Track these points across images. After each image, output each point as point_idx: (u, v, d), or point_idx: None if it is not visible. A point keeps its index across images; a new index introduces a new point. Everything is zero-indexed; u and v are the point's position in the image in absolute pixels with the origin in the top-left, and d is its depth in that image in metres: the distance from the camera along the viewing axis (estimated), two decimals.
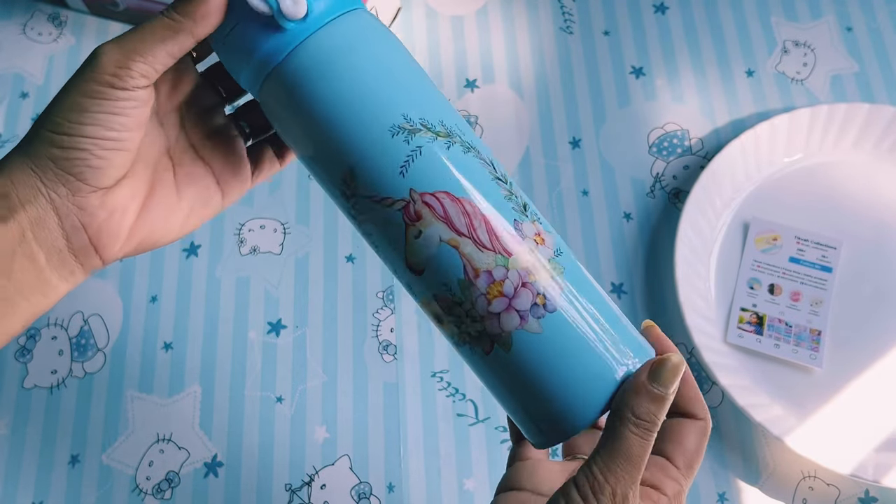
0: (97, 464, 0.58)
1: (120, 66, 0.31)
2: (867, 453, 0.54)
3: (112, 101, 0.32)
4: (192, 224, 0.38)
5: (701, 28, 0.70)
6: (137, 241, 0.36)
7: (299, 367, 0.60)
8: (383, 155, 0.33)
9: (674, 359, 0.32)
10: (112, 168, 0.33)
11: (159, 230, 0.36)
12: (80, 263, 0.35)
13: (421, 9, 0.72)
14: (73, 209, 0.33)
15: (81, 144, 0.32)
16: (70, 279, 0.35)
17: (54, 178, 0.32)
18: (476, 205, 0.33)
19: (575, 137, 0.66)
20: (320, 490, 0.56)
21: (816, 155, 0.64)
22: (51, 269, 0.34)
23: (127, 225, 0.35)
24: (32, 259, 0.33)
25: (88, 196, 0.33)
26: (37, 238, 0.33)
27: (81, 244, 0.34)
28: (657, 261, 0.62)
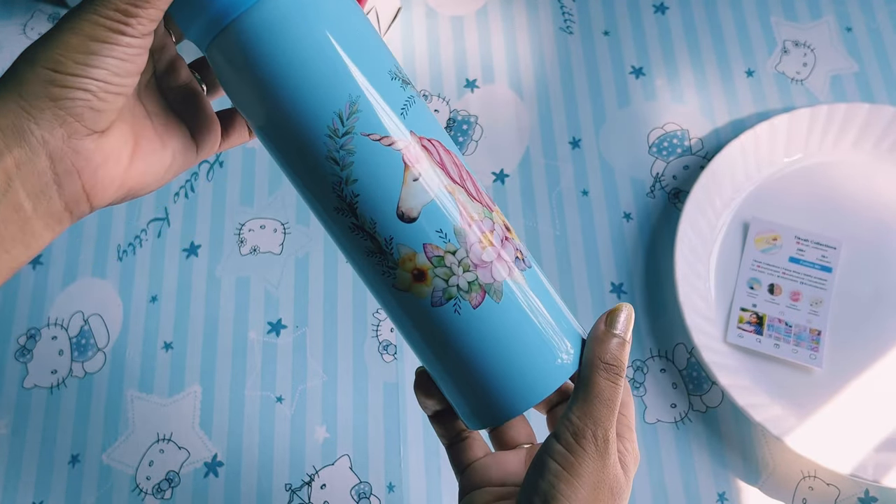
0: (97, 464, 0.58)
1: (130, 13, 0.31)
2: (867, 453, 0.54)
3: (122, 47, 0.31)
4: (172, 172, 0.38)
5: (701, 28, 0.70)
6: (128, 187, 0.35)
7: (299, 367, 0.60)
8: (387, 93, 0.32)
9: (625, 306, 0.35)
10: (110, 111, 0.32)
11: (148, 176, 0.36)
12: (69, 211, 0.34)
13: (421, 9, 0.72)
14: (69, 152, 0.32)
15: (87, 85, 0.31)
16: (56, 227, 0.34)
17: (52, 118, 0.31)
18: (460, 159, 0.34)
19: (575, 137, 0.66)
20: (320, 490, 0.56)
21: (816, 155, 0.64)
22: (37, 217, 0.33)
23: (121, 171, 0.34)
24: (18, 209, 0.32)
25: (84, 139, 0.32)
26: (24, 185, 0.32)
27: (73, 190, 0.33)
28: (657, 261, 0.62)
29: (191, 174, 0.66)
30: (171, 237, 0.64)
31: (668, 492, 0.56)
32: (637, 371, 0.59)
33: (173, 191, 0.66)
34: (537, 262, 0.37)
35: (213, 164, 0.67)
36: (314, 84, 0.32)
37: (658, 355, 0.59)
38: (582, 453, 0.33)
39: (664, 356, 0.59)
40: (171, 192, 0.66)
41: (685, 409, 0.58)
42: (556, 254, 0.62)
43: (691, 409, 0.58)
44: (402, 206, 0.32)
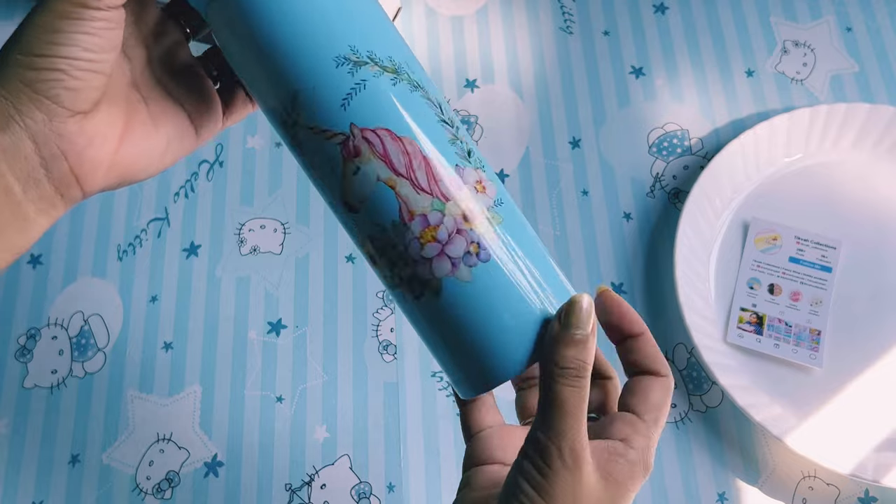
0: (97, 464, 0.58)
1: None
2: (867, 453, 0.54)
3: (87, 20, 0.31)
4: (170, 158, 0.37)
5: (701, 28, 0.70)
6: (119, 171, 0.35)
7: (299, 367, 0.60)
8: (326, 85, 0.32)
9: (582, 298, 0.32)
10: (88, 90, 0.32)
11: (141, 161, 0.35)
12: (60, 194, 0.33)
13: (421, 9, 0.72)
14: (52, 135, 0.32)
15: (57, 65, 0.31)
16: (50, 212, 0.33)
17: (28, 102, 0.31)
18: (417, 145, 0.32)
19: (575, 137, 0.66)
20: (320, 490, 0.56)
21: (816, 155, 0.64)
22: (28, 202, 0.32)
23: (108, 153, 0.34)
24: (7, 192, 0.32)
25: (66, 121, 0.32)
26: (11, 169, 0.31)
27: (61, 173, 0.32)
28: (657, 261, 0.62)
29: (191, 174, 0.66)
30: (171, 237, 0.64)
31: (668, 492, 0.56)
32: None
33: (173, 191, 0.66)
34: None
35: (213, 165, 0.67)
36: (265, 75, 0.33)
37: None
38: (550, 473, 0.31)
39: (664, 356, 0.59)
40: (171, 192, 0.66)
41: (685, 409, 0.58)
42: (556, 254, 0.62)
43: (691, 409, 0.58)
44: (345, 198, 0.33)
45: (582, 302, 0.32)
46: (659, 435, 0.36)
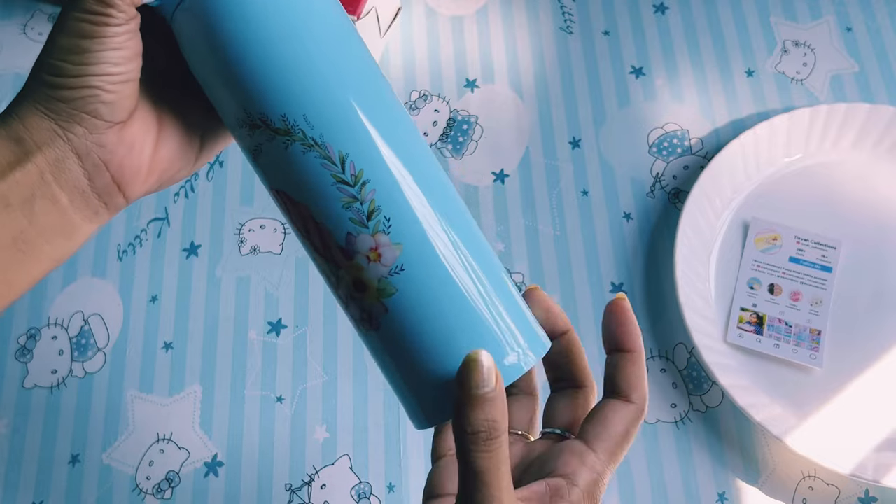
0: (97, 464, 0.58)
1: (107, 3, 0.31)
2: (867, 453, 0.54)
3: (110, 37, 0.31)
4: (206, 155, 0.38)
5: (701, 28, 0.70)
6: (158, 174, 0.36)
7: (299, 367, 0.60)
8: (240, 139, 0.33)
9: (479, 354, 0.30)
10: (124, 100, 0.33)
11: (177, 162, 0.36)
12: (103, 203, 0.35)
13: (421, 9, 0.72)
14: (93, 147, 0.33)
15: (91, 83, 0.32)
16: (95, 220, 0.35)
17: (69, 118, 0.32)
18: (309, 211, 0.32)
19: (575, 137, 0.66)
20: (320, 490, 0.56)
21: (816, 155, 0.64)
22: (74, 210, 0.34)
23: (146, 159, 0.35)
24: (55, 201, 0.33)
25: (106, 132, 0.33)
26: (57, 180, 0.33)
27: (104, 182, 0.34)
28: (657, 261, 0.62)
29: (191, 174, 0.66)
30: (171, 237, 0.64)
31: (668, 492, 0.56)
32: None
33: (173, 191, 0.66)
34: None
35: (213, 164, 0.67)
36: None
37: (658, 355, 0.59)
38: None
39: (664, 356, 0.59)
40: (171, 192, 0.66)
41: (685, 409, 0.58)
42: (556, 254, 0.62)
43: (691, 409, 0.58)
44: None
45: (479, 359, 0.30)
46: (614, 467, 0.34)
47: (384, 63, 0.69)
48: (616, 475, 0.56)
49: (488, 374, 0.30)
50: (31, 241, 0.33)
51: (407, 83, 0.69)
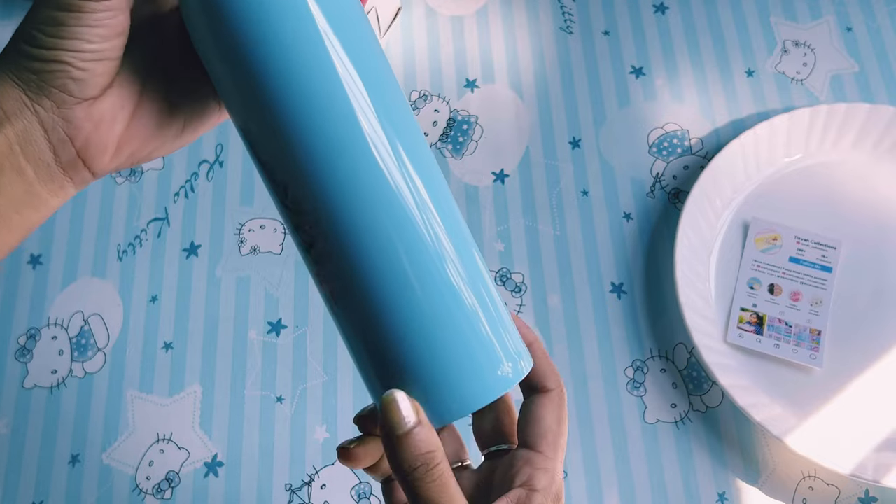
0: (97, 464, 0.58)
1: None
2: (867, 453, 0.54)
3: (88, 13, 0.30)
4: (187, 137, 0.37)
5: (701, 28, 0.70)
6: (129, 151, 0.35)
7: (299, 367, 0.60)
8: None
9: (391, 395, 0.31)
10: (95, 77, 0.32)
11: (152, 141, 0.35)
12: (69, 177, 0.34)
13: (421, 9, 0.72)
14: (59, 122, 0.32)
15: (62, 57, 0.31)
16: (60, 194, 0.34)
17: (38, 90, 0.31)
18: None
19: (575, 137, 0.66)
20: (320, 490, 0.56)
21: (816, 155, 0.64)
22: (40, 183, 0.33)
23: (115, 136, 0.34)
24: (21, 172, 0.32)
25: (73, 108, 0.32)
26: (24, 152, 0.32)
27: (69, 157, 0.33)
28: (657, 261, 0.62)
29: (191, 174, 0.66)
30: (171, 237, 0.64)
31: (668, 492, 0.56)
32: (637, 371, 0.59)
33: (173, 191, 0.66)
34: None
35: (213, 164, 0.67)
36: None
37: (658, 355, 0.59)
38: None
39: (664, 356, 0.59)
40: (171, 192, 0.66)
41: (685, 409, 0.58)
42: (556, 254, 0.62)
43: (691, 409, 0.58)
44: None
45: (394, 399, 0.31)
46: (562, 455, 0.35)
47: None
48: (616, 475, 0.56)
49: (407, 411, 0.31)
50: (1, 212, 0.33)
51: (407, 83, 0.69)
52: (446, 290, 0.31)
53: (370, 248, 0.30)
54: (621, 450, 0.57)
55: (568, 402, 0.57)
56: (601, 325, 0.60)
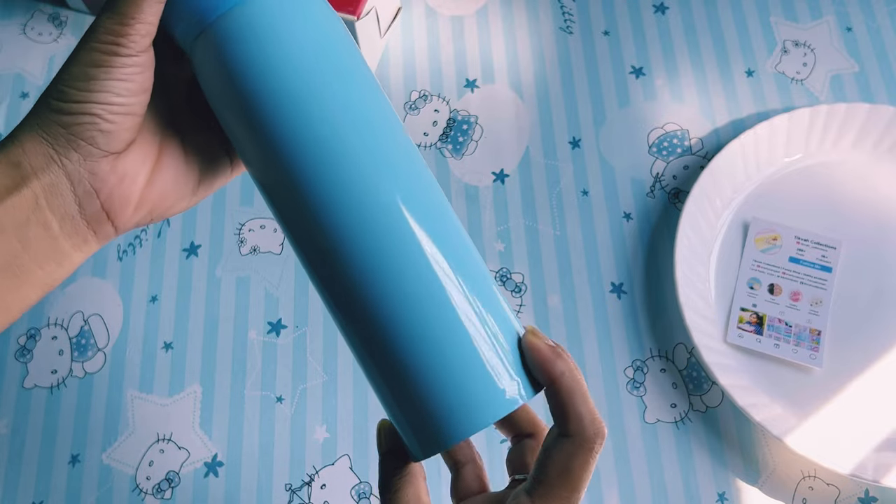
0: (97, 464, 0.58)
1: (119, 33, 0.32)
2: (867, 453, 0.54)
3: (118, 68, 0.32)
4: (202, 192, 0.38)
5: (701, 28, 0.70)
6: (149, 207, 0.36)
7: (299, 367, 0.60)
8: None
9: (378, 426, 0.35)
10: (122, 132, 0.33)
11: (170, 196, 0.36)
12: (92, 230, 0.35)
13: (421, 9, 0.72)
14: (86, 174, 0.33)
15: (91, 110, 0.32)
16: (83, 248, 0.35)
17: (66, 144, 0.33)
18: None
19: (575, 137, 0.66)
20: (320, 490, 0.56)
21: (816, 155, 0.64)
22: (64, 237, 0.34)
23: (137, 190, 0.35)
24: (46, 226, 0.34)
25: (100, 161, 0.33)
26: (50, 205, 0.33)
27: (93, 210, 0.34)
28: (657, 261, 0.62)
29: None
30: (171, 237, 0.64)
31: (668, 492, 0.56)
32: (637, 371, 0.59)
33: None
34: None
35: None
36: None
37: (658, 355, 0.59)
38: None
39: (664, 356, 0.59)
40: None
41: (685, 409, 0.58)
42: (556, 254, 0.62)
43: (691, 409, 0.58)
44: None
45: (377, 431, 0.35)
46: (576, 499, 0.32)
47: (384, 63, 0.69)
48: (616, 475, 0.56)
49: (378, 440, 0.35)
50: (24, 266, 0.34)
51: (407, 83, 0.69)
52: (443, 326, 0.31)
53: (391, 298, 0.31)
54: (621, 450, 0.57)
55: None
56: (601, 325, 0.60)
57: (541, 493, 0.32)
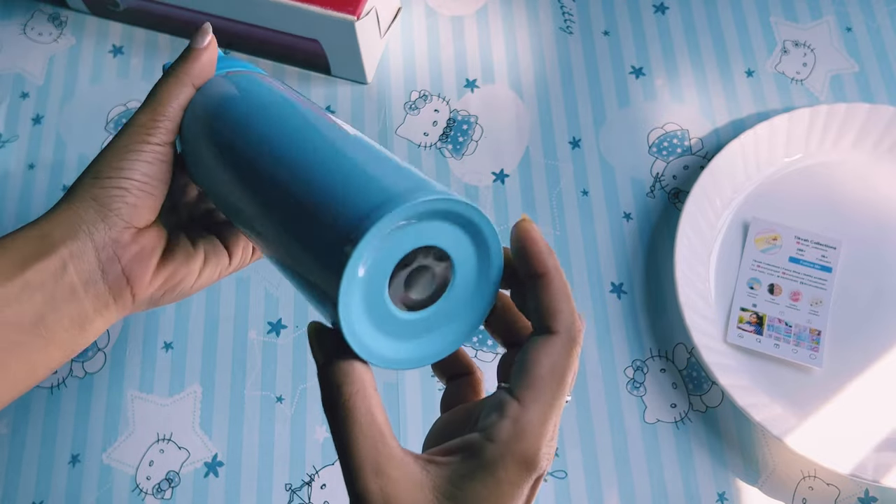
0: (97, 464, 0.58)
1: (150, 127, 0.39)
2: (867, 453, 0.54)
3: (147, 152, 0.39)
4: (206, 277, 0.43)
5: (701, 28, 0.70)
6: (163, 278, 0.41)
7: (299, 367, 0.60)
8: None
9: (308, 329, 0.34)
10: (144, 209, 0.39)
11: (181, 271, 0.42)
12: (113, 296, 0.39)
13: (421, 9, 0.72)
14: (109, 241, 0.38)
15: (121, 184, 0.38)
16: (105, 313, 0.39)
17: (95, 214, 0.38)
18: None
19: (575, 137, 0.66)
20: (320, 490, 0.57)
21: (816, 155, 0.64)
22: (88, 300, 0.38)
23: (153, 263, 0.40)
24: (72, 289, 0.38)
25: (123, 231, 0.39)
26: (76, 269, 0.38)
27: (115, 275, 0.39)
28: (657, 261, 0.62)
29: None
30: None
31: (668, 492, 0.56)
32: (637, 371, 0.59)
33: None
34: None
35: None
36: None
37: (658, 355, 0.59)
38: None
39: (664, 356, 0.59)
40: None
41: (685, 409, 0.58)
42: (557, 254, 0.62)
43: (691, 409, 0.58)
44: None
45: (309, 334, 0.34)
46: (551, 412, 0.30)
47: (384, 63, 0.69)
48: (616, 475, 0.56)
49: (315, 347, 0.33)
50: (50, 327, 0.38)
51: (407, 83, 0.69)
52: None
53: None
54: (621, 450, 0.57)
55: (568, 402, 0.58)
56: (601, 325, 0.60)
57: (531, 396, 0.30)
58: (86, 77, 0.70)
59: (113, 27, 0.72)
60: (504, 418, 0.30)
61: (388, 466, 0.29)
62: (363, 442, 0.29)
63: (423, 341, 0.32)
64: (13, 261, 0.37)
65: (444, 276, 0.32)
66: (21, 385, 0.38)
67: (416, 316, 0.32)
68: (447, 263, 0.32)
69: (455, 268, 0.32)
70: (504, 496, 0.29)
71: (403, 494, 0.29)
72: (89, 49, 0.71)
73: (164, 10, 0.68)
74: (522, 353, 0.31)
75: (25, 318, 0.37)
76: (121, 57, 0.71)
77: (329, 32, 0.63)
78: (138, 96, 0.69)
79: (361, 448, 0.29)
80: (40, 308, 0.37)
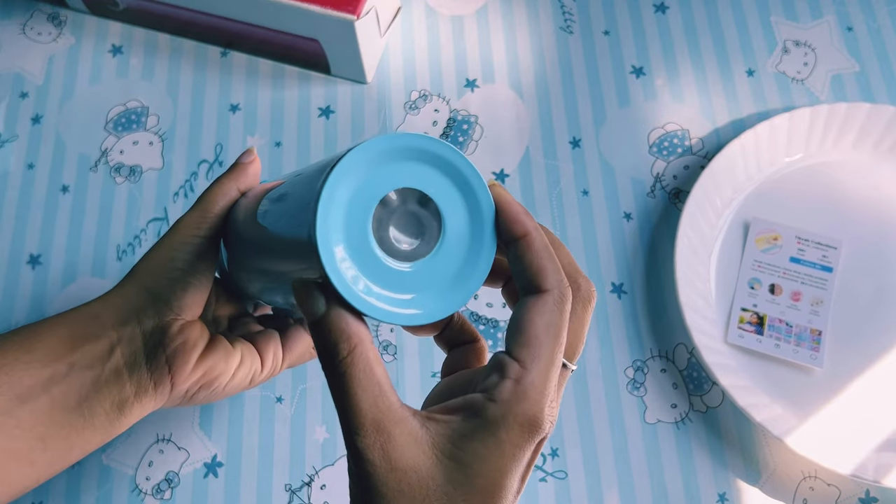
0: (97, 464, 0.58)
1: (199, 222, 0.41)
2: (868, 453, 0.54)
3: (195, 245, 0.41)
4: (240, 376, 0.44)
5: (701, 28, 0.70)
6: (202, 372, 0.42)
7: (299, 367, 0.60)
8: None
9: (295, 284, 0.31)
10: (192, 301, 0.41)
11: (217, 370, 0.42)
12: (153, 383, 0.40)
13: (421, 9, 0.72)
14: (157, 330, 0.40)
15: (173, 274, 0.40)
16: (143, 399, 0.40)
17: (145, 304, 0.40)
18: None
19: (575, 137, 0.66)
20: (320, 490, 0.56)
21: (816, 155, 0.64)
22: (130, 384, 0.40)
23: (196, 355, 0.41)
24: (118, 372, 0.39)
25: (172, 321, 0.40)
26: (123, 354, 0.39)
27: (158, 362, 0.40)
28: (657, 261, 0.62)
29: (190, 174, 0.66)
30: None
31: (668, 492, 0.56)
32: (637, 371, 0.59)
33: (172, 191, 0.66)
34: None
35: (213, 164, 0.67)
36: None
37: (658, 355, 0.59)
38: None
39: (664, 356, 0.59)
40: (170, 192, 0.66)
41: (685, 410, 0.58)
42: None
43: (692, 410, 0.58)
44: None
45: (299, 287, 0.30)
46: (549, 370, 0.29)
47: (384, 63, 0.69)
48: (616, 475, 0.56)
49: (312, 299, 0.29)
50: (93, 408, 0.39)
51: (407, 83, 0.69)
52: None
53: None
54: (621, 450, 0.57)
55: (568, 402, 0.58)
56: (601, 325, 0.60)
57: (530, 356, 0.29)
58: (85, 77, 0.70)
59: (112, 27, 0.72)
60: (506, 379, 0.29)
61: (387, 422, 0.29)
62: (362, 397, 0.29)
63: (422, 297, 0.31)
64: (63, 340, 0.38)
65: (434, 226, 0.31)
66: (56, 465, 0.39)
67: (411, 268, 0.31)
68: (433, 207, 0.31)
69: (443, 216, 0.31)
70: (505, 457, 0.28)
71: (403, 451, 0.28)
72: (89, 49, 0.71)
73: (163, 10, 0.68)
74: (515, 316, 0.30)
75: (72, 398, 0.38)
76: (120, 57, 0.70)
77: (329, 32, 0.63)
78: (138, 96, 0.69)
79: (361, 404, 0.29)
80: (86, 389, 0.38)
